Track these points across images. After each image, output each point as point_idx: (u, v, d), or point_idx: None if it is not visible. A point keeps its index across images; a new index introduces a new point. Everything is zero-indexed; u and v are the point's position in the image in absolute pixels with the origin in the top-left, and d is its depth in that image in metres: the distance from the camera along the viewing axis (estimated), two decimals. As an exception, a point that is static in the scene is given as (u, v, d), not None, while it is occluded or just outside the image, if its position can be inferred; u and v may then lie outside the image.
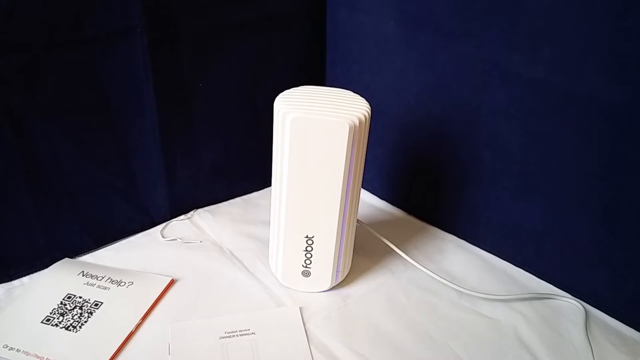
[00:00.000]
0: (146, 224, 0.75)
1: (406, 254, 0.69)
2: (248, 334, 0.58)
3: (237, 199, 0.84)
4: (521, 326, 0.61)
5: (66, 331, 0.57)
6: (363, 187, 0.83)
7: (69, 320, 0.58)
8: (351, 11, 0.76)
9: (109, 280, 0.64)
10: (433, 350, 0.58)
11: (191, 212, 0.80)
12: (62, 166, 0.64)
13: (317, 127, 0.54)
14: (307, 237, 0.61)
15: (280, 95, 0.58)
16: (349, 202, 0.59)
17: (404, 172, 0.80)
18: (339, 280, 0.66)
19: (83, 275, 0.65)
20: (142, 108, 0.67)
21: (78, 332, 0.57)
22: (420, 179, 0.78)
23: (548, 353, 0.58)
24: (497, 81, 0.63)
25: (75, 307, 0.60)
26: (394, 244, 0.70)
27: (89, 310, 0.60)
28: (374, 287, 0.67)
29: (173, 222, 0.78)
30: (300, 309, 0.62)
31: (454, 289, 0.66)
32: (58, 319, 0.58)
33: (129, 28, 0.62)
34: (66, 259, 0.68)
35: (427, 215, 0.80)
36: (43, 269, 0.66)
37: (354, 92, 0.59)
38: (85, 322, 0.58)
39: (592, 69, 0.55)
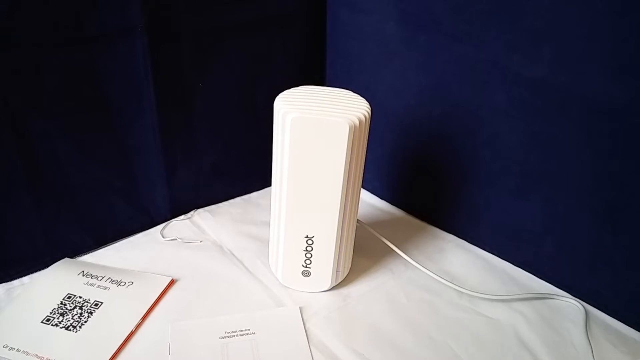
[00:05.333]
0: (146, 223, 0.76)
1: (406, 254, 0.69)
2: (248, 334, 0.58)
3: (237, 199, 0.84)
4: (521, 326, 0.61)
5: (66, 331, 0.57)
6: (363, 187, 0.83)
7: (69, 320, 0.58)
8: (351, 11, 0.76)
9: (109, 280, 0.64)
10: (433, 350, 0.58)
11: (191, 212, 0.80)
12: (62, 166, 0.64)
13: (317, 127, 0.54)
14: (307, 237, 0.61)
15: (280, 95, 0.58)
16: (349, 202, 0.59)
17: (404, 172, 0.80)
18: (339, 280, 0.66)
19: (83, 275, 0.65)
20: (142, 108, 0.67)
21: (78, 332, 0.57)
22: (420, 179, 0.79)
23: (548, 353, 0.58)
24: (497, 81, 0.63)
25: (75, 307, 0.60)
26: (394, 244, 0.70)
27: (89, 310, 0.60)
28: (374, 287, 0.67)
29: (173, 222, 0.78)
30: (300, 309, 0.62)
31: (454, 289, 0.66)
32: (58, 319, 0.58)
33: (129, 28, 0.62)
34: (66, 258, 0.68)
35: (427, 215, 0.80)
36: (43, 268, 0.66)
37: (354, 92, 0.59)
38: (85, 322, 0.58)
39: (592, 69, 0.55)
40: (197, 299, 0.63)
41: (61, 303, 0.61)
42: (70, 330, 0.57)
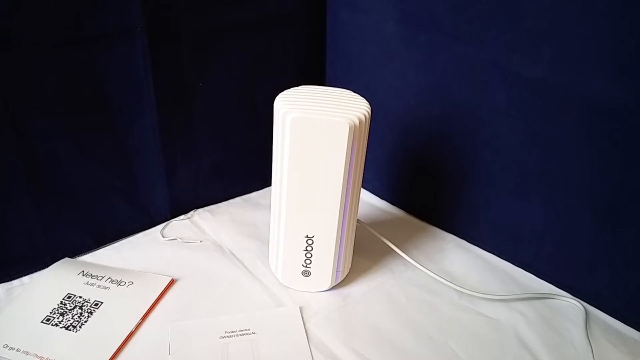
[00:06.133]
0: (146, 223, 0.75)
1: (406, 254, 0.69)
2: (248, 334, 0.58)
3: (237, 199, 0.84)
4: (521, 326, 0.61)
5: (66, 331, 0.57)
6: (363, 187, 0.83)
7: (69, 320, 0.58)
8: (351, 11, 0.76)
9: (109, 280, 0.64)
10: (433, 350, 0.58)
11: (191, 212, 0.80)
12: (62, 166, 0.64)
13: (317, 127, 0.54)
14: (307, 236, 0.61)
15: (280, 95, 0.58)
16: (349, 202, 0.59)
17: (404, 172, 0.80)
18: (339, 280, 0.66)
19: (83, 275, 0.65)
20: (142, 108, 0.67)
21: (78, 332, 0.57)
22: (420, 179, 0.79)
23: (548, 353, 0.58)
24: (497, 81, 0.63)
25: (75, 306, 0.60)
26: (394, 244, 0.70)
27: (89, 310, 0.60)
28: (374, 287, 0.67)
29: (173, 222, 0.78)
30: (300, 308, 0.62)
31: (454, 289, 0.66)
32: (58, 318, 0.58)
33: (129, 28, 0.62)
34: (66, 258, 0.68)
35: (427, 215, 0.80)
36: (43, 268, 0.66)
37: (354, 92, 0.59)
38: (85, 322, 0.58)
39: (592, 69, 0.55)
40: (197, 299, 0.63)
41: (61, 303, 0.61)
42: (70, 330, 0.57)
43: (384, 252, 0.72)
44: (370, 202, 0.85)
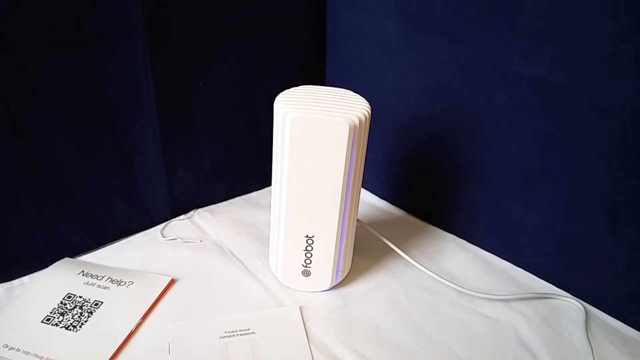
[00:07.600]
0: (146, 223, 0.76)
1: (406, 254, 0.69)
2: (248, 334, 0.58)
3: (237, 199, 0.84)
4: (521, 326, 0.61)
5: (66, 331, 0.57)
6: (363, 186, 0.83)
7: (69, 320, 0.58)
8: (351, 11, 0.76)
9: (109, 279, 0.64)
10: (433, 350, 0.58)
11: (191, 212, 0.80)
12: (62, 166, 0.64)
13: (317, 127, 0.54)
14: (307, 236, 0.61)
15: (280, 95, 0.58)
16: (349, 201, 0.59)
17: (404, 172, 0.80)
18: (339, 280, 0.66)
19: (83, 275, 0.65)
20: (142, 108, 0.67)
21: (78, 331, 0.57)
22: (420, 179, 0.79)
23: (548, 353, 0.58)
24: (497, 81, 0.63)
25: (75, 306, 0.60)
26: (394, 244, 0.70)
27: (89, 310, 0.60)
28: (374, 287, 0.67)
29: (173, 222, 0.78)
30: (300, 308, 0.62)
31: (454, 288, 0.66)
32: (58, 318, 0.58)
33: (129, 28, 0.62)
34: (66, 258, 0.68)
35: (427, 215, 0.80)
36: (43, 268, 0.66)
37: (354, 92, 0.59)
38: (85, 321, 0.58)
39: (592, 69, 0.55)
40: (197, 299, 0.63)
41: (61, 303, 0.61)
42: (70, 330, 0.57)
43: (384, 252, 0.72)
44: (370, 202, 0.85)
